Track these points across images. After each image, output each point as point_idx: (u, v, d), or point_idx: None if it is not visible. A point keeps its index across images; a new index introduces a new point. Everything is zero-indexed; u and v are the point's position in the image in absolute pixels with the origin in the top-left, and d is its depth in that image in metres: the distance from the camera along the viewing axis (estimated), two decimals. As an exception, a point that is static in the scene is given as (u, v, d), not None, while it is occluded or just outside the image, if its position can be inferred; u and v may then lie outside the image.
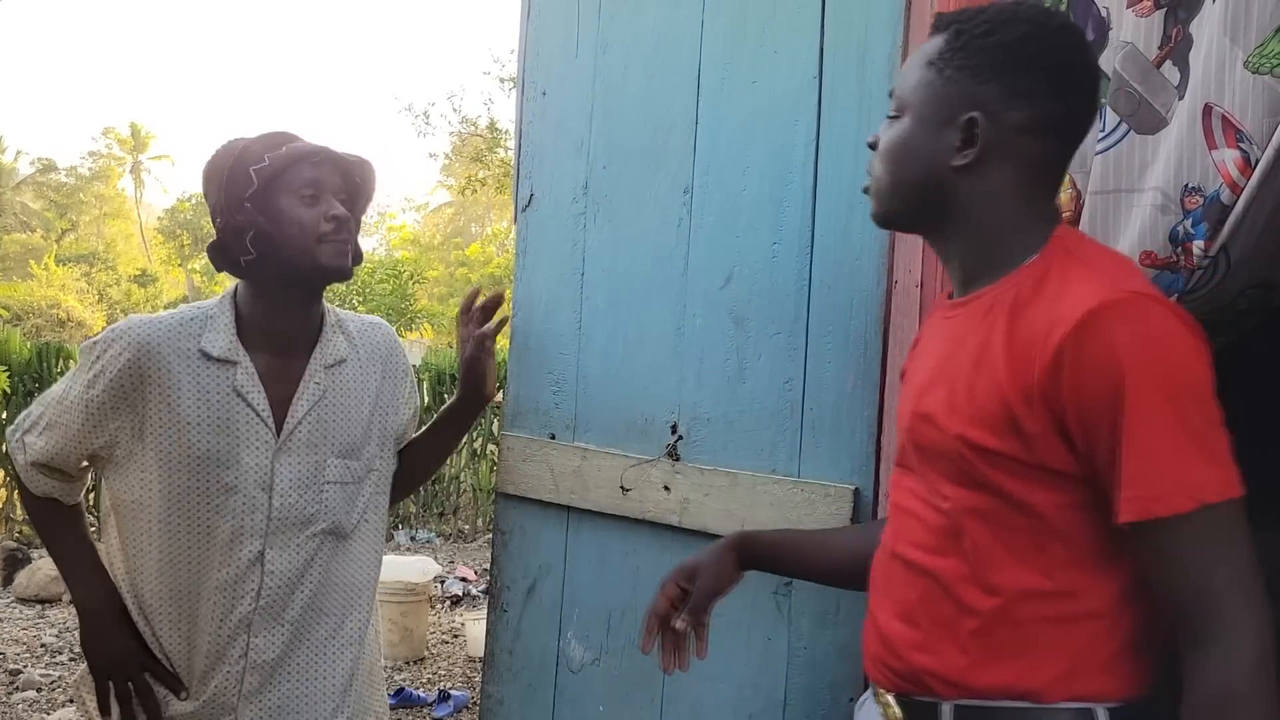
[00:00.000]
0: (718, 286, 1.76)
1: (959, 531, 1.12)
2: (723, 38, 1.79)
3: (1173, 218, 1.36)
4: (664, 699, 1.78)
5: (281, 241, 1.59)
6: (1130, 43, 1.40)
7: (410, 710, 4.58)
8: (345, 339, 1.74)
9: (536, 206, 2.05)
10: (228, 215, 1.60)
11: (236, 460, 1.61)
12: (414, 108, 32.15)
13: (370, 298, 17.32)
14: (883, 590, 1.22)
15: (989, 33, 1.13)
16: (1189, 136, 1.32)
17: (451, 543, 8.58)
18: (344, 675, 1.74)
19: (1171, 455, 0.99)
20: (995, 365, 1.08)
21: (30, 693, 4.54)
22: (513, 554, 2.04)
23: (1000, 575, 1.09)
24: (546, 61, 2.07)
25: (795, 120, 1.69)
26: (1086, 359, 1.01)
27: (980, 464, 1.09)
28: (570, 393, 1.96)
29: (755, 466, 1.68)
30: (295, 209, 1.59)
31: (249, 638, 1.64)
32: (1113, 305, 1.01)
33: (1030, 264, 1.12)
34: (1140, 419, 0.99)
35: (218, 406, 1.61)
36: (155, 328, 1.61)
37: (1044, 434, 1.04)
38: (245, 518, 1.62)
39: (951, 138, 1.13)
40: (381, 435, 1.77)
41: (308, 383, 1.67)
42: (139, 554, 1.65)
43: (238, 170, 1.58)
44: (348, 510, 1.71)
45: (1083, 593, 1.07)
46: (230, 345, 1.63)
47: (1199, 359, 1.03)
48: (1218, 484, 1.00)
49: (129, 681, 1.65)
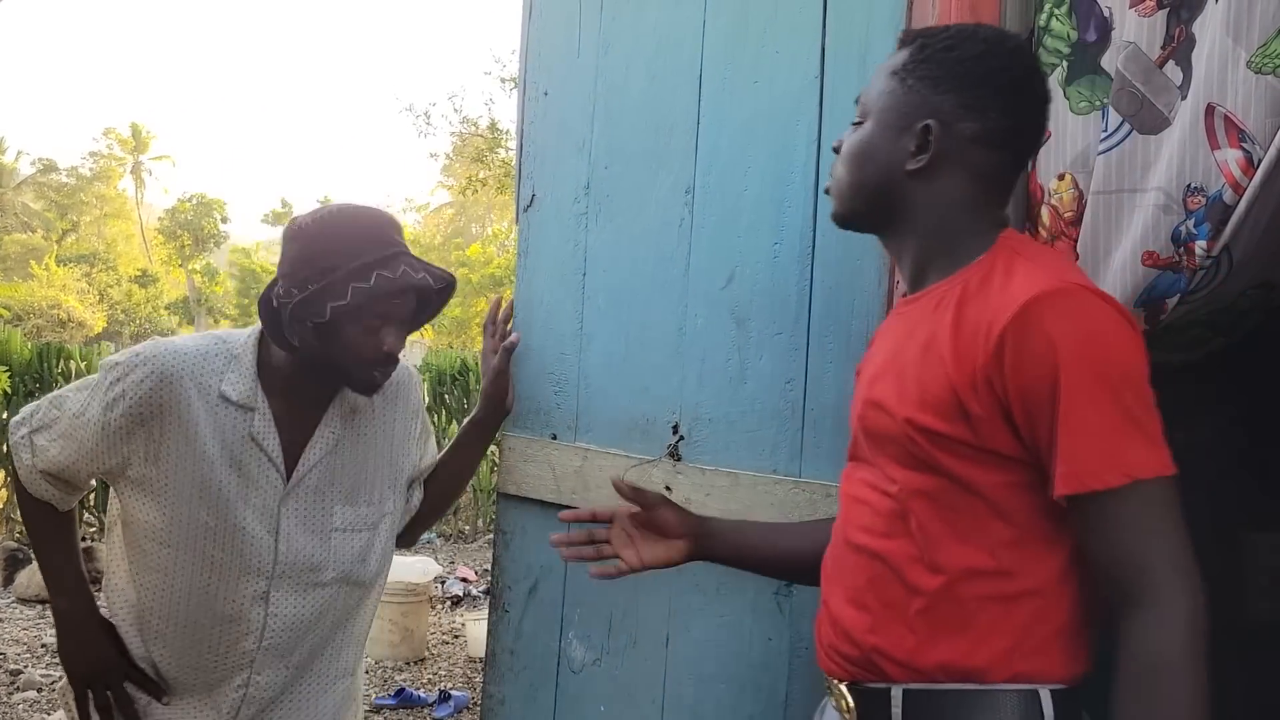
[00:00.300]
0: (719, 287, 1.76)
1: (906, 513, 1.17)
2: (724, 38, 1.79)
3: (1175, 217, 1.36)
4: (665, 699, 1.78)
5: (330, 352, 1.57)
6: (1133, 42, 1.40)
7: (411, 710, 4.58)
8: None
9: (538, 207, 2.05)
10: (291, 316, 1.55)
11: (246, 500, 1.62)
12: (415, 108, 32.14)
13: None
14: (834, 578, 1.27)
15: (950, 48, 1.22)
16: (1191, 136, 1.32)
17: (452, 543, 8.57)
18: (337, 702, 1.77)
19: (1105, 433, 1.06)
20: (943, 354, 1.14)
21: (31, 693, 4.54)
22: (514, 554, 2.04)
23: (945, 554, 1.14)
24: (548, 62, 2.07)
25: (797, 121, 1.69)
26: (1026, 345, 1.07)
27: (928, 446, 1.14)
28: (572, 393, 1.96)
29: (757, 467, 1.68)
30: (354, 337, 1.56)
31: (250, 674, 1.66)
32: (1051, 294, 1.08)
33: (977, 262, 1.19)
34: (1075, 399, 1.06)
35: (232, 447, 1.61)
36: (180, 359, 1.60)
37: (989, 417, 1.10)
38: (251, 557, 1.62)
39: (908, 143, 1.22)
40: (394, 478, 1.78)
41: (323, 430, 1.68)
42: (142, 571, 1.65)
43: (319, 297, 1.52)
44: (362, 558, 1.71)
45: (1023, 571, 1.12)
46: (250, 391, 1.63)
47: (1133, 347, 1.09)
48: (1150, 462, 1.06)
49: (108, 690, 1.65)
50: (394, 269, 1.54)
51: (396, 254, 1.57)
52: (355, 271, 1.52)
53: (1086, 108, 1.48)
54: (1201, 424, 1.78)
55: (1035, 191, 1.55)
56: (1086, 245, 1.47)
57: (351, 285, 1.51)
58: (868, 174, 1.26)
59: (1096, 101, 1.47)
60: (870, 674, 1.19)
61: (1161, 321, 1.46)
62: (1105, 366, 1.06)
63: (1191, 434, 1.77)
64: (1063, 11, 1.50)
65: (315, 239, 1.56)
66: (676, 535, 1.47)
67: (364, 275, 1.52)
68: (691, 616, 1.75)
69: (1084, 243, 1.47)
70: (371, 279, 1.52)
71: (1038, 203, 1.54)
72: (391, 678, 5.02)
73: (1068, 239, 1.51)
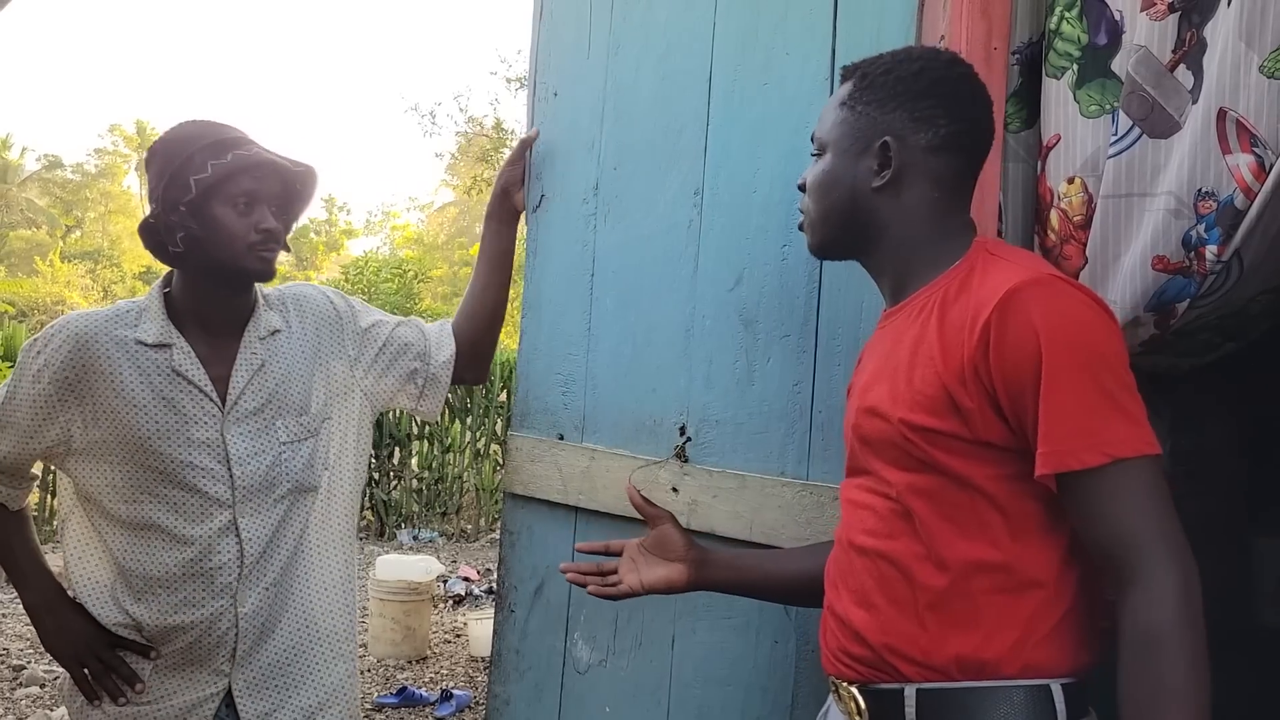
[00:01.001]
0: (727, 288, 1.76)
1: (908, 513, 1.19)
2: (735, 39, 1.79)
3: (1185, 222, 1.36)
4: (671, 701, 1.78)
5: (210, 246, 1.65)
6: (1144, 46, 1.39)
7: (413, 709, 4.58)
8: (277, 312, 1.80)
9: (547, 207, 2.05)
10: (163, 211, 1.64)
11: (187, 436, 1.67)
12: (420, 107, 32.06)
13: (375, 296, 17.32)
14: (839, 582, 1.29)
15: (889, 70, 1.29)
16: (1203, 141, 1.32)
17: (454, 542, 8.58)
18: (340, 622, 1.81)
19: (1085, 414, 1.09)
20: (931, 354, 1.18)
21: (34, 688, 4.55)
22: (520, 554, 2.04)
23: (949, 550, 1.16)
24: (558, 62, 2.07)
25: (807, 122, 1.68)
26: (1008, 333, 1.11)
27: (923, 444, 1.17)
28: (579, 393, 1.96)
29: (764, 469, 1.68)
30: (228, 217, 1.64)
31: (236, 606, 1.69)
32: (1029, 284, 1.12)
33: (955, 267, 1.24)
34: (1055, 381, 1.09)
35: (160, 387, 1.67)
36: (91, 320, 1.69)
37: (979, 409, 1.14)
38: (209, 491, 1.67)
39: (869, 163, 1.28)
40: (328, 385, 1.82)
41: (245, 354, 1.73)
42: (114, 537, 1.69)
43: (179, 177, 1.62)
44: (309, 465, 1.76)
45: (1025, 562, 1.15)
46: (164, 330, 1.69)
47: (1110, 332, 1.14)
48: (1133, 441, 1.09)
49: (99, 660, 1.70)
50: (247, 148, 1.66)
51: (247, 140, 1.68)
52: (208, 149, 1.63)
53: (1097, 111, 1.48)
54: (1211, 429, 1.78)
55: (1045, 195, 1.54)
56: (1096, 249, 1.46)
57: (209, 162, 1.61)
58: (835, 200, 1.31)
59: (1107, 105, 1.46)
60: (883, 674, 1.20)
61: (1171, 326, 1.45)
62: (1085, 350, 1.10)
63: (1201, 439, 1.77)
64: (1073, 15, 1.50)
65: (168, 144, 1.67)
66: (679, 558, 1.49)
67: (218, 153, 1.63)
68: (698, 618, 1.75)
69: (1093, 246, 1.47)
70: (227, 156, 1.62)
71: (1047, 206, 1.54)
72: (393, 676, 5.02)
73: (1077, 242, 1.51)
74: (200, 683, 1.70)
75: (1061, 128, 1.51)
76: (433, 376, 1.92)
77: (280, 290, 1.86)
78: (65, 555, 1.75)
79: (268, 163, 1.67)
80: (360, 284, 17.85)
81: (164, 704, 1.69)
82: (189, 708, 1.69)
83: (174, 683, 1.70)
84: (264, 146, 1.70)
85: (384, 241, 34.70)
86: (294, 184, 1.74)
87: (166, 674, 1.70)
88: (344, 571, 1.83)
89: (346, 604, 1.84)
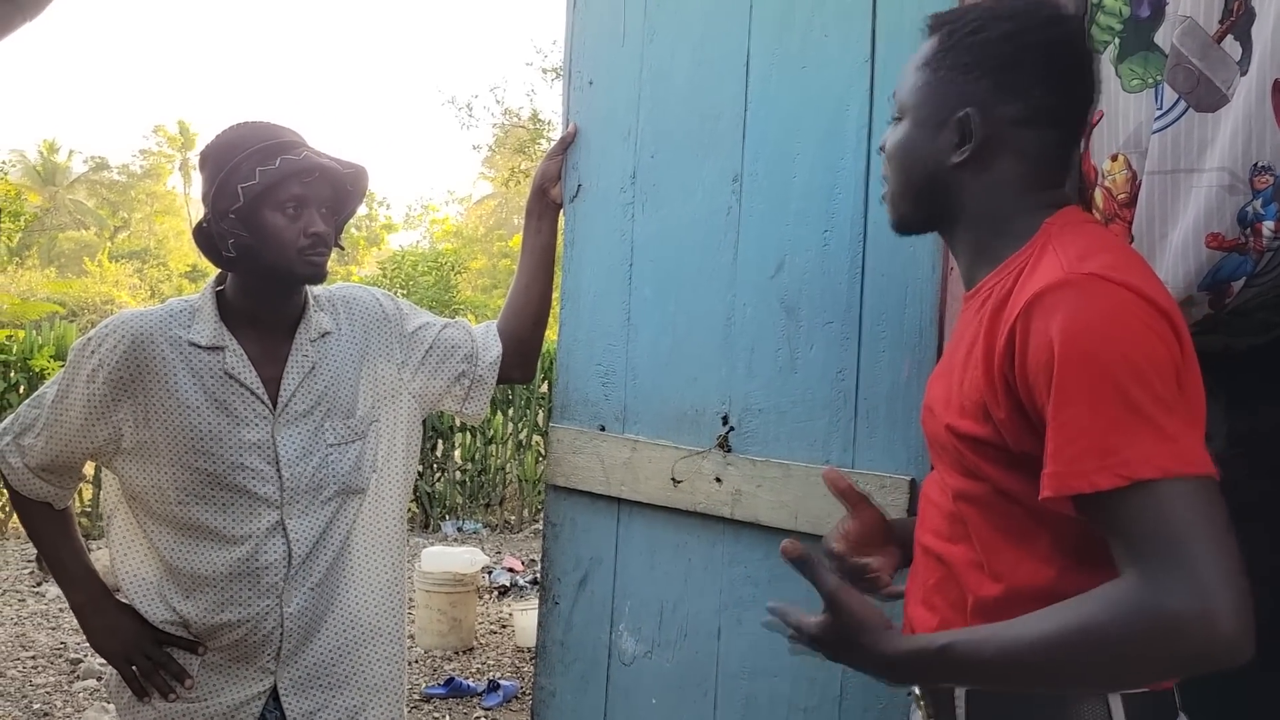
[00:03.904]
0: (768, 276, 1.74)
1: (964, 519, 1.14)
2: (771, 22, 1.76)
3: (1241, 198, 1.32)
4: (718, 692, 1.77)
5: (261, 252, 1.65)
6: (1189, 17, 1.35)
7: (461, 699, 4.62)
8: (328, 314, 1.81)
9: (584, 197, 2.04)
10: (214, 218, 1.65)
11: (239, 437, 1.68)
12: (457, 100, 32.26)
13: (414, 290, 17.44)
14: (912, 577, 1.26)
15: (977, 30, 1.16)
16: (1258, 114, 1.28)
17: (498, 533, 8.63)
18: (387, 622, 1.82)
19: (1101, 431, 0.97)
20: (977, 356, 1.10)
21: (91, 681, 4.64)
22: (563, 546, 2.04)
23: (1002, 561, 1.10)
24: (593, 50, 2.05)
25: (846, 106, 1.66)
26: (1030, 341, 1.02)
27: (968, 452, 1.11)
28: (620, 384, 1.95)
29: (809, 458, 1.66)
30: (277, 223, 1.65)
31: (282, 607, 1.70)
32: (1056, 287, 1.02)
33: (1016, 256, 1.14)
34: (1066, 395, 0.98)
35: (213, 389, 1.68)
36: (146, 319, 1.69)
37: (1009, 419, 1.06)
38: (257, 490, 1.68)
39: (949, 136, 1.17)
40: (375, 387, 1.82)
41: (296, 356, 1.74)
42: (162, 537, 1.70)
43: (228, 184, 1.62)
44: (356, 468, 1.77)
45: (1078, 580, 1.04)
46: (216, 332, 1.70)
47: (1147, 337, 0.99)
48: (1159, 460, 0.95)
49: (147, 657, 1.71)
50: (296, 153, 1.65)
51: (297, 142, 1.68)
52: (256, 154, 1.62)
53: (1139, 85, 1.44)
54: (1266, 412, 1.73)
55: (1089, 173, 1.51)
56: (1142, 227, 1.43)
57: (257, 168, 1.61)
58: (913, 173, 1.22)
59: (1150, 79, 1.43)
60: None
61: (1227, 305, 1.42)
62: (1104, 358, 0.97)
63: (1256, 422, 1.73)
64: (1116, -13, 1.46)
65: (218, 149, 1.67)
66: (889, 540, 1.36)
67: (266, 159, 1.62)
68: (744, 608, 1.74)
69: (1139, 225, 1.43)
70: (276, 161, 1.62)
71: (1091, 184, 1.51)
72: (441, 667, 5.06)
73: (1122, 221, 1.47)
74: (246, 681, 1.71)
75: (1104, 104, 1.48)
76: (479, 378, 1.92)
77: (330, 291, 1.86)
78: (111, 552, 1.77)
79: (316, 166, 1.66)
80: (398, 278, 17.97)
81: (211, 702, 1.71)
82: (236, 706, 1.70)
83: (220, 680, 1.71)
84: (314, 148, 1.70)
85: (423, 235, 34.93)
86: (344, 185, 1.73)
87: (213, 672, 1.71)
88: (393, 573, 1.84)
89: (395, 605, 1.84)
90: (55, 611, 5.72)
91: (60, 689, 4.55)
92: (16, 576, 6.44)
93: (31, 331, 8.10)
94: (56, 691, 4.52)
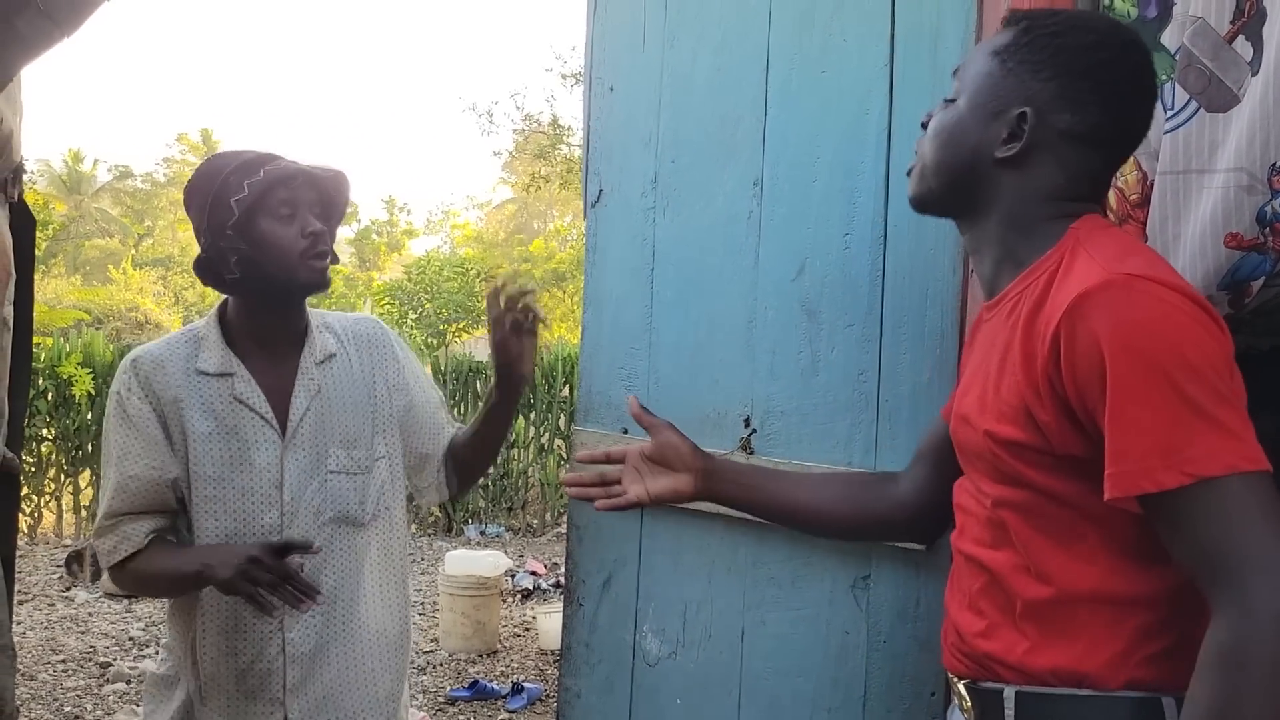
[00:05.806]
0: (789, 279, 1.75)
1: (1004, 525, 1.14)
2: (791, 27, 1.77)
3: (1260, 198, 1.32)
4: (742, 693, 1.78)
5: (265, 262, 1.68)
6: (1200, 17, 1.36)
7: (485, 702, 4.64)
8: (332, 336, 1.83)
9: (605, 202, 2.05)
10: (212, 240, 1.68)
11: (249, 463, 1.70)
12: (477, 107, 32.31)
13: (437, 295, 17.50)
14: (955, 584, 1.27)
15: (1057, 34, 1.16)
16: (1276, 113, 1.28)
17: (521, 537, 8.65)
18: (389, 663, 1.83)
19: (1162, 429, 0.98)
20: (1014, 362, 1.11)
21: (120, 685, 4.69)
22: (587, 548, 2.05)
23: (1050, 564, 1.10)
24: (613, 56, 2.07)
25: (866, 110, 1.67)
26: (1077, 343, 1.02)
27: (1008, 458, 1.11)
28: (642, 387, 1.97)
29: (831, 459, 1.67)
30: (275, 230, 1.68)
31: (284, 633, 1.71)
32: (1101, 287, 1.02)
33: (1044, 259, 1.14)
34: (1122, 395, 0.99)
35: (223, 416, 1.70)
36: (153, 351, 1.74)
37: (1055, 422, 1.06)
38: (264, 516, 1.70)
39: (1000, 129, 1.17)
40: (378, 422, 1.83)
41: (303, 379, 1.76)
42: None
43: (220, 202, 1.66)
44: (360, 500, 1.78)
45: (1128, 580, 1.07)
46: (223, 359, 1.73)
47: (1201, 334, 1.01)
48: (1223, 456, 0.96)
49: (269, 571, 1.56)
50: (276, 163, 1.70)
51: (273, 155, 1.73)
52: (239, 170, 1.67)
53: None
54: (1292, 410, 1.73)
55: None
56: (1155, 228, 1.43)
57: (244, 181, 1.65)
58: (955, 156, 1.21)
59: (1158, 79, 1.43)
60: (986, 674, 1.18)
61: (1247, 305, 1.42)
62: (1159, 357, 0.98)
63: (1280, 421, 1.72)
64: (1126, -13, 1.47)
65: (199, 179, 1.72)
66: (685, 468, 1.47)
67: (250, 172, 1.66)
68: (767, 609, 1.75)
69: (1152, 225, 1.43)
70: (260, 173, 1.66)
71: (1104, 186, 1.51)
72: (465, 670, 5.09)
73: (1135, 222, 1.47)
74: (257, 716, 1.72)
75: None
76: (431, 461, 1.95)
77: (333, 317, 1.90)
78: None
79: (299, 171, 1.71)
80: (423, 283, 18.03)
81: None
82: None
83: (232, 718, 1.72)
84: (290, 159, 1.74)
85: (444, 240, 35.04)
86: (328, 190, 1.77)
87: (224, 710, 1.72)
88: (398, 594, 1.87)
89: (401, 629, 1.88)
90: (84, 616, 5.78)
91: (90, 692, 4.61)
92: (46, 581, 6.52)
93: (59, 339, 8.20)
94: (87, 695, 4.58)
